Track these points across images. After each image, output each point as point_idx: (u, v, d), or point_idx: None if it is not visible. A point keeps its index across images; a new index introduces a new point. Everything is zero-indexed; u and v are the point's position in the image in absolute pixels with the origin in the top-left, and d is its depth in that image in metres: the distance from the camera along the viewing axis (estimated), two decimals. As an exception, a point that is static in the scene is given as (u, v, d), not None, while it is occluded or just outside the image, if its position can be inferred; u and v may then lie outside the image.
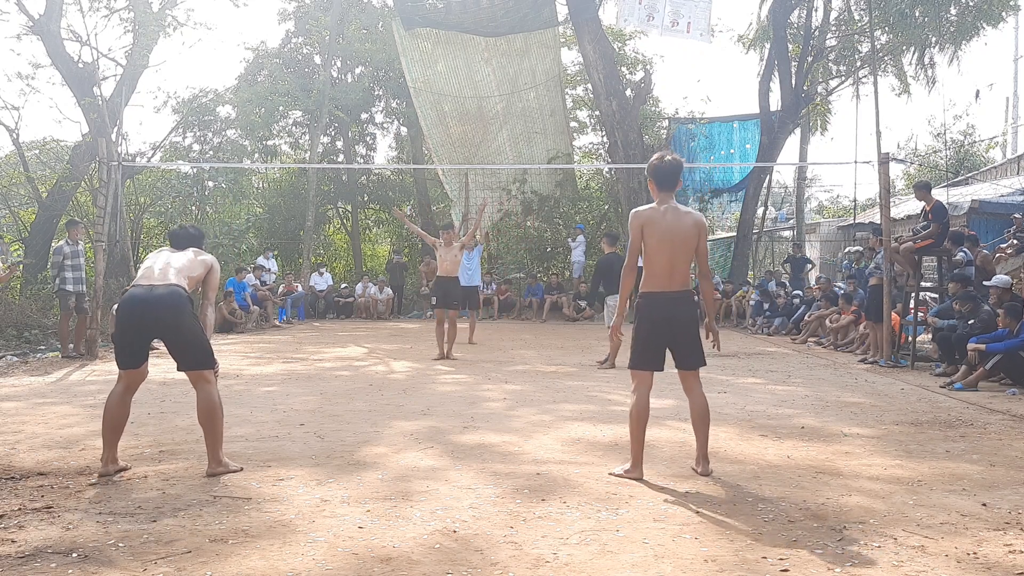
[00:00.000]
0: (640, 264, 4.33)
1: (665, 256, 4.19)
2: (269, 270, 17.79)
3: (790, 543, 3.25)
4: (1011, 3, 17.75)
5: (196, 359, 4.39)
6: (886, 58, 19.98)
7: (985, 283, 9.20)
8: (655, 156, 4.40)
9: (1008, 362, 7.75)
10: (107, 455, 4.31)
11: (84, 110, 16.94)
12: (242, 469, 4.38)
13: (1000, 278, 9.10)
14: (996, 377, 8.00)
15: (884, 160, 10.78)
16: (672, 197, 4.33)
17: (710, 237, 25.76)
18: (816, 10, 20.07)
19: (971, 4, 17.58)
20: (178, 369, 4.42)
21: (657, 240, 4.18)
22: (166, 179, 19.87)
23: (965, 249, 10.61)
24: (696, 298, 4.77)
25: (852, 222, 21.40)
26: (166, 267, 4.47)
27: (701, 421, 4.33)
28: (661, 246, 4.18)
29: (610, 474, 4.27)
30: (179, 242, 4.82)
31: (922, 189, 10.70)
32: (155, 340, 4.45)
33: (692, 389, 4.34)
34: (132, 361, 4.37)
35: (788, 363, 10.23)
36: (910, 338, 10.21)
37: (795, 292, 15.39)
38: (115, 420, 4.32)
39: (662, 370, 4.31)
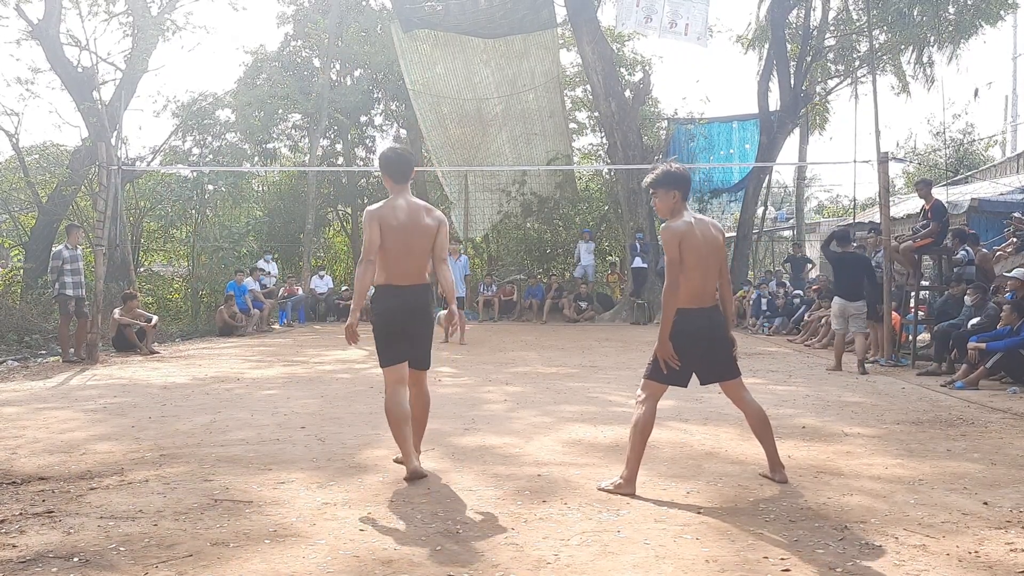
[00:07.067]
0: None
1: (700, 271, 4.02)
2: (269, 273, 17.80)
3: (791, 543, 3.25)
4: (1009, 2, 17.75)
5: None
6: (885, 57, 19.98)
7: (1005, 274, 9.13)
8: (670, 166, 4.16)
9: (1009, 360, 7.74)
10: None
11: (84, 114, 16.95)
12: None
13: (1019, 271, 8.98)
14: (997, 376, 7.99)
15: (883, 159, 10.80)
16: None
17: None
18: (815, 10, 20.08)
19: (969, 3, 17.59)
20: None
21: (696, 256, 4.00)
22: (166, 183, 19.86)
23: (967, 248, 10.61)
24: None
25: (852, 221, 21.41)
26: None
27: (763, 428, 4.20)
28: (699, 262, 4.01)
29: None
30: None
31: (924, 186, 10.71)
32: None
33: (743, 398, 4.19)
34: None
35: (788, 363, 10.23)
36: (910, 337, 10.21)
37: (795, 292, 15.39)
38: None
39: (686, 387, 4.20)
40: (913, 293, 10.48)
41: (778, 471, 4.23)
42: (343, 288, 19.83)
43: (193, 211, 19.69)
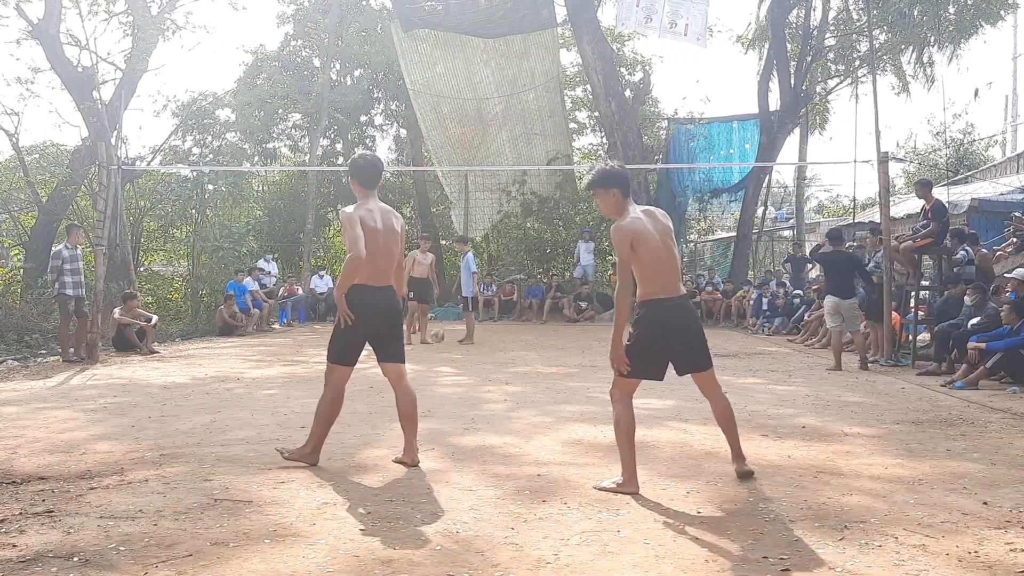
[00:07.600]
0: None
1: (661, 263, 4.05)
2: (269, 273, 17.79)
3: (791, 543, 3.25)
4: (1009, 2, 17.75)
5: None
6: (885, 57, 19.97)
7: (1006, 274, 9.14)
8: (606, 165, 4.18)
9: (1008, 360, 7.74)
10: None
11: (84, 114, 16.94)
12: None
13: (1019, 271, 8.98)
14: (997, 375, 7.99)
15: (883, 159, 10.80)
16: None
17: (710, 237, 25.93)
18: (815, 10, 20.09)
19: (969, 3, 17.59)
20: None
21: (653, 250, 4.03)
22: (166, 183, 19.86)
23: (967, 248, 10.60)
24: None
25: (852, 221, 21.40)
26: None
27: (728, 421, 4.27)
28: (656, 254, 4.03)
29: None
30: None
31: (923, 187, 10.70)
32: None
33: (713, 391, 4.25)
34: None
35: (788, 363, 10.23)
36: (910, 337, 10.21)
37: (795, 292, 15.38)
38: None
39: (662, 379, 4.23)
40: (913, 293, 10.48)
41: (739, 462, 4.28)
42: (343, 288, 19.78)
43: (193, 211, 19.67)
